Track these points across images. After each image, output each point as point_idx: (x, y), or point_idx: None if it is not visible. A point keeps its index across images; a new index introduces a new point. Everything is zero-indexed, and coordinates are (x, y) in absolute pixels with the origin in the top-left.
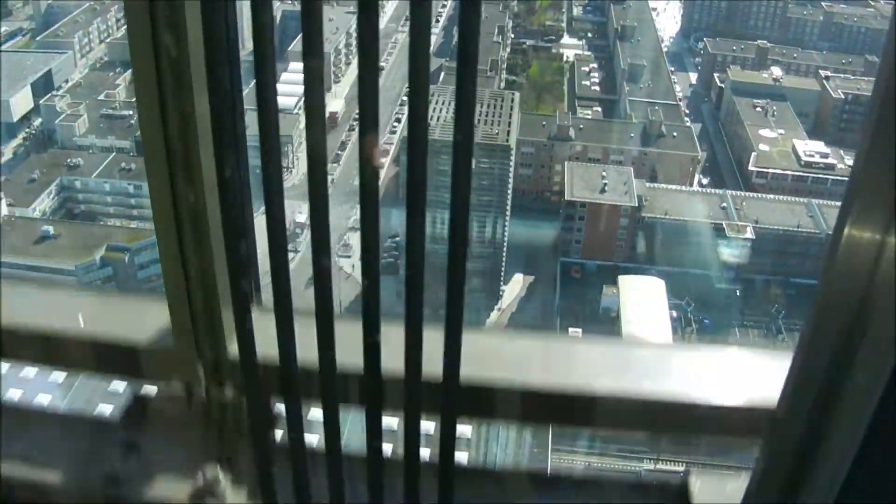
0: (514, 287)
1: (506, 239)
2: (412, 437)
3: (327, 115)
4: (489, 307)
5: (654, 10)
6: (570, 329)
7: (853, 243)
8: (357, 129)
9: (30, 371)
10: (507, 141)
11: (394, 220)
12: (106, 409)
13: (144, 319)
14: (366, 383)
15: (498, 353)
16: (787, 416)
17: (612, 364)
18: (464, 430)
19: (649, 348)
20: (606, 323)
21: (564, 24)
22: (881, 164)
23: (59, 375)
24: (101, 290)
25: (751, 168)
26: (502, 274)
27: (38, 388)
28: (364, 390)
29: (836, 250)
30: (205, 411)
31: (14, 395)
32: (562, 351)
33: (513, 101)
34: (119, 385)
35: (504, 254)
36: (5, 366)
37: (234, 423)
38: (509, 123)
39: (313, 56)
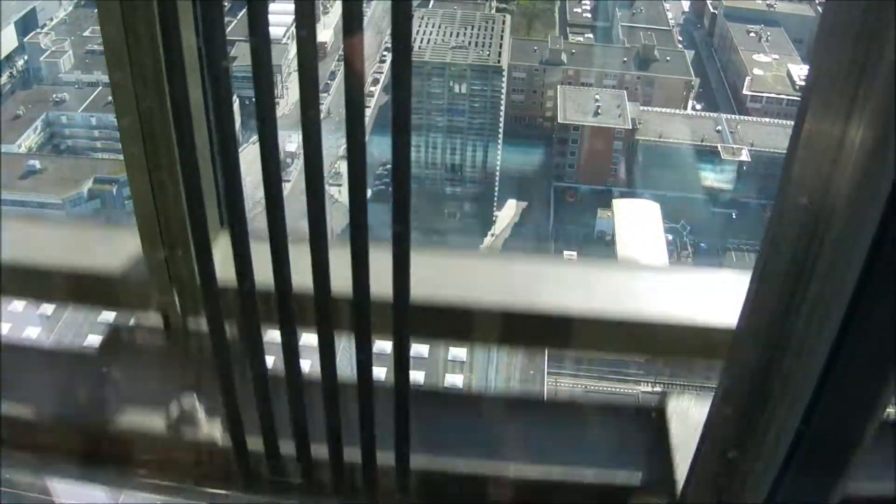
0: (508, 213)
1: (498, 165)
2: (364, 358)
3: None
4: (483, 233)
5: None
6: (565, 252)
7: (812, 141)
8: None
9: (18, 305)
10: (499, 62)
11: (386, 149)
12: (95, 341)
13: (119, 249)
14: (320, 303)
15: (474, 275)
16: (747, 333)
17: (581, 284)
18: (458, 353)
19: (619, 269)
20: (601, 246)
21: None
22: (837, 53)
23: (47, 308)
24: (73, 221)
25: (745, 92)
26: (495, 200)
27: (26, 321)
28: (317, 312)
29: (795, 151)
30: (180, 340)
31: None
32: (533, 272)
33: (504, 23)
34: (109, 316)
35: (497, 180)
36: None
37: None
38: (500, 45)
39: None
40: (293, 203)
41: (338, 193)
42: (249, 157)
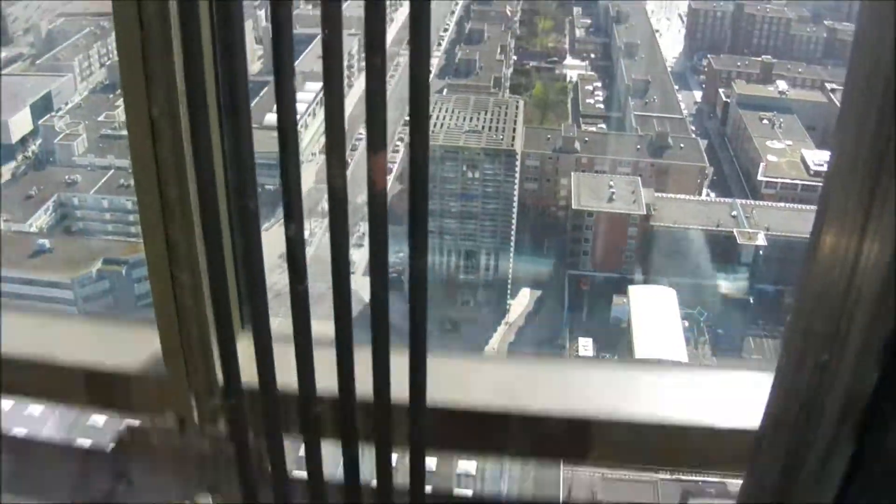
0: (522, 301)
1: (512, 252)
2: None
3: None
4: (496, 322)
5: (657, 31)
6: (581, 339)
7: (829, 252)
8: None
9: (5, 404)
10: (513, 145)
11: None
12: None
13: (133, 347)
14: (345, 413)
15: (483, 379)
16: (769, 437)
17: (596, 387)
18: (467, 466)
19: (635, 369)
20: (617, 334)
21: (567, 46)
22: (852, 168)
23: (34, 408)
24: (86, 315)
25: (759, 178)
26: (509, 288)
27: (11, 422)
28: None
29: (813, 260)
30: (196, 440)
31: None
32: (552, 375)
33: (517, 108)
34: (99, 419)
35: (510, 267)
36: None
37: (225, 451)
38: (514, 129)
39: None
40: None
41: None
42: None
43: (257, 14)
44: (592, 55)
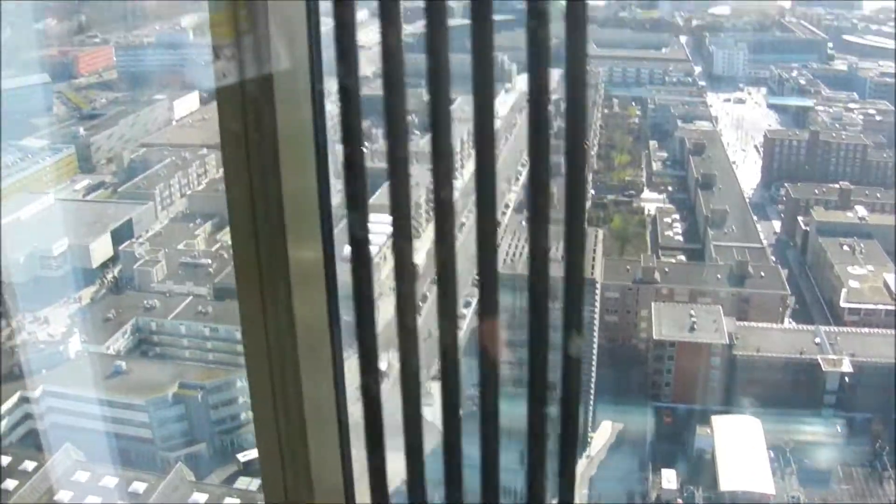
0: (603, 434)
1: (593, 385)
2: None
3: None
4: (577, 455)
5: (734, 162)
6: (664, 471)
7: None
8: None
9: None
10: (593, 274)
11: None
12: None
13: None
14: None
15: None
16: None
17: None
18: None
19: None
20: (701, 465)
21: (644, 179)
22: None
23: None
24: None
25: (842, 305)
26: (590, 421)
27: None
28: None
29: None
30: None
31: None
32: None
33: (596, 237)
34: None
35: (591, 400)
36: None
37: None
38: (593, 258)
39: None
40: None
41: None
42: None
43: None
44: (670, 187)
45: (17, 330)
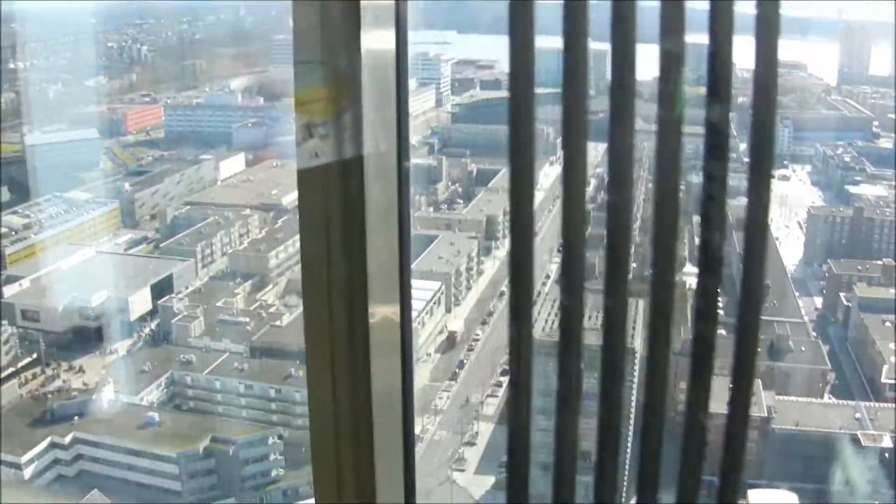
0: None
1: (628, 454)
2: None
3: (446, 333)
4: None
5: (777, 238)
6: None
7: None
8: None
9: None
10: (632, 344)
11: None
12: None
13: None
14: None
15: None
16: None
17: None
18: None
19: None
20: None
21: (686, 254)
22: None
23: None
24: None
25: (883, 381)
26: (624, 493)
27: None
28: None
29: None
30: None
31: None
32: None
33: (636, 309)
34: None
35: (626, 471)
36: None
37: None
38: (633, 329)
39: None
40: None
41: (460, 477)
42: None
43: None
44: None
45: (52, 377)
